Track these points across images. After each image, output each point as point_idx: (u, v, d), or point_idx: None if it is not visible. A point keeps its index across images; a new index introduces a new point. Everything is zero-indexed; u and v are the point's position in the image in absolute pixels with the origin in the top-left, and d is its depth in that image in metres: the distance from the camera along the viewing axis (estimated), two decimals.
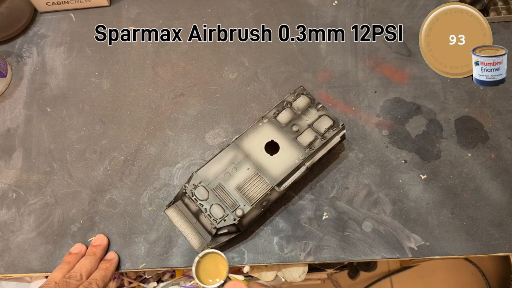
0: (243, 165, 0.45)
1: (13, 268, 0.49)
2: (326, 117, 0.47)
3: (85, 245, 0.49)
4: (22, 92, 0.58)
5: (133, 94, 0.57)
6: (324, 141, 0.46)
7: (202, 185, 0.44)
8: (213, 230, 0.43)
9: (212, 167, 0.45)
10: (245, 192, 0.44)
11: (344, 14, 0.60)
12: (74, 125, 0.56)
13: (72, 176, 0.53)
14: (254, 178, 0.45)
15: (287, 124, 0.47)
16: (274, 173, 0.45)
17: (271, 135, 0.46)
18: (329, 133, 0.47)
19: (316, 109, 0.48)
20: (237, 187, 0.44)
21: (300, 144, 0.46)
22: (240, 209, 0.43)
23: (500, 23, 0.58)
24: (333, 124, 0.47)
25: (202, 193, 0.44)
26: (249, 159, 0.45)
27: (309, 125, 0.47)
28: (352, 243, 0.48)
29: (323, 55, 0.58)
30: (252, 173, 0.45)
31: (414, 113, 0.54)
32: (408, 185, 0.50)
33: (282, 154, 0.46)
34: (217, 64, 0.58)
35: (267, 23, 0.60)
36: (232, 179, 0.45)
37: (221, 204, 0.44)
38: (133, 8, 0.63)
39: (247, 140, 0.46)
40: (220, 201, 0.44)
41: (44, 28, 0.62)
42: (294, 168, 0.45)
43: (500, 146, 0.51)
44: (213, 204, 0.44)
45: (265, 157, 0.46)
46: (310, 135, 0.46)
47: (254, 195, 0.44)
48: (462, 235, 0.48)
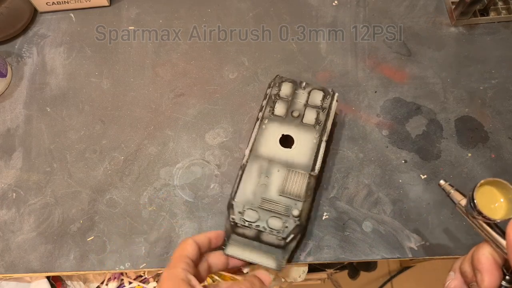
0: (272, 170, 0.45)
1: (13, 268, 0.49)
2: (315, 91, 0.48)
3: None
4: (22, 92, 0.58)
5: (133, 94, 0.57)
6: (325, 111, 0.47)
7: (247, 208, 0.43)
8: (282, 242, 0.42)
9: (245, 188, 0.44)
10: (288, 192, 0.43)
11: (344, 14, 0.60)
12: (74, 125, 0.56)
13: (72, 176, 0.53)
14: (289, 176, 0.44)
15: (286, 114, 0.47)
16: (302, 161, 0.45)
17: (279, 130, 0.46)
18: (325, 102, 0.48)
19: (302, 88, 0.49)
20: (279, 191, 0.43)
21: (308, 125, 0.46)
22: (295, 208, 0.43)
23: (500, 23, 0.58)
24: (324, 93, 0.48)
25: (252, 215, 0.42)
26: (274, 161, 0.45)
27: (305, 104, 0.48)
28: (352, 243, 0.48)
29: (323, 55, 0.58)
30: (284, 172, 0.44)
31: (414, 113, 0.54)
32: (408, 185, 0.50)
33: (299, 142, 0.46)
34: (217, 64, 0.58)
35: (267, 23, 0.60)
36: (270, 187, 0.44)
37: (275, 215, 0.43)
38: (133, 8, 0.63)
39: (260, 146, 0.46)
40: (272, 213, 0.43)
41: (44, 28, 0.62)
42: (316, 148, 0.45)
43: (500, 146, 0.51)
44: (268, 219, 0.42)
45: (286, 152, 0.45)
46: (312, 113, 0.47)
47: (298, 190, 0.43)
48: (462, 235, 0.48)
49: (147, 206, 0.51)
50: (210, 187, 0.51)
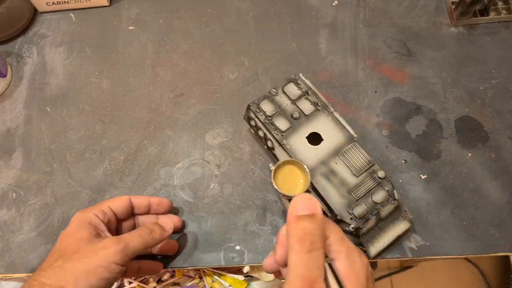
0: (332, 167, 0.44)
1: (13, 268, 0.49)
2: (286, 87, 0.48)
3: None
4: (22, 92, 0.58)
5: (133, 94, 0.57)
6: (310, 92, 0.47)
7: (351, 210, 0.42)
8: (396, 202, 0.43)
9: (331, 199, 0.43)
10: (360, 167, 0.44)
11: (344, 14, 0.60)
12: (74, 125, 0.56)
13: (72, 176, 0.53)
14: (346, 158, 0.44)
15: (289, 121, 0.46)
16: (340, 139, 0.45)
17: (300, 136, 0.46)
18: (302, 87, 0.48)
19: (276, 95, 0.47)
20: (354, 174, 0.44)
21: (312, 113, 0.46)
22: (376, 172, 0.43)
23: (500, 23, 0.58)
24: (294, 82, 0.48)
25: (360, 210, 0.42)
26: (325, 160, 0.44)
27: (292, 102, 0.47)
28: None
29: (323, 55, 0.58)
30: (340, 159, 0.44)
31: (414, 113, 0.54)
32: (408, 185, 0.50)
33: (321, 130, 0.46)
34: (217, 64, 0.58)
35: (267, 23, 0.60)
36: (346, 179, 0.43)
37: (372, 191, 0.43)
38: (133, 8, 0.63)
39: (304, 161, 0.44)
40: (369, 193, 0.43)
41: (44, 28, 0.62)
42: (335, 121, 0.46)
43: (500, 146, 0.51)
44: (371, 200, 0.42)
45: (323, 145, 0.45)
46: (304, 103, 0.47)
47: (363, 159, 0.44)
48: (462, 235, 0.48)
49: None
50: (210, 187, 0.51)
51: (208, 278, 0.53)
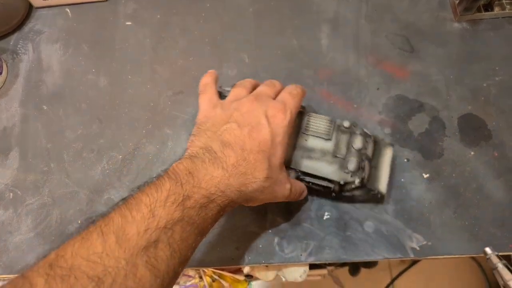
0: (304, 144, 0.45)
1: (11, 269, 0.48)
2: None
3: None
4: (18, 90, 0.57)
5: (131, 92, 0.56)
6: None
7: (348, 164, 0.43)
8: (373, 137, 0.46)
9: (322, 169, 0.44)
10: (325, 131, 0.44)
11: (346, 9, 0.59)
12: (71, 123, 0.55)
13: (69, 176, 0.52)
14: (310, 130, 0.45)
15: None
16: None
17: None
18: None
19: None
20: (326, 139, 0.44)
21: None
22: (343, 122, 0.45)
23: (505, 18, 0.57)
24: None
25: (355, 165, 0.43)
26: (296, 143, 0.45)
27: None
28: (354, 243, 0.47)
29: (324, 52, 0.57)
30: (307, 133, 0.45)
31: (417, 111, 0.53)
32: (411, 184, 0.49)
33: None
34: (217, 61, 0.57)
35: (268, 19, 0.59)
36: (323, 146, 0.44)
37: (350, 145, 0.44)
38: (130, 3, 0.61)
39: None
40: (350, 148, 0.44)
41: (40, 24, 0.61)
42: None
43: (503, 144, 0.51)
44: (352, 148, 0.44)
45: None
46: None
47: (326, 123, 0.45)
48: (464, 235, 0.47)
49: None
50: None
51: (208, 277, 0.53)
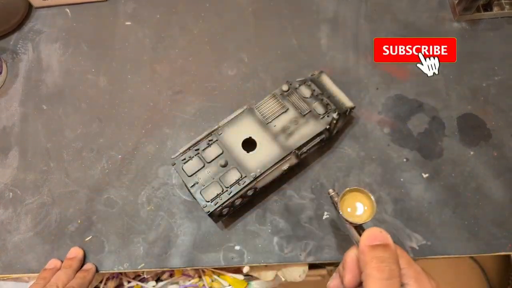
0: (275, 129, 0.47)
1: (11, 269, 0.48)
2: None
3: (60, 260, 0.48)
4: (18, 90, 0.57)
5: (130, 92, 0.56)
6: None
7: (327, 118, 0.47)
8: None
9: (307, 132, 0.47)
10: (276, 111, 0.48)
11: (345, 9, 0.59)
12: (71, 123, 0.55)
13: (69, 175, 0.52)
14: (266, 115, 0.48)
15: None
16: (251, 119, 0.48)
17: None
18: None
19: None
20: (283, 112, 0.48)
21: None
22: (302, 92, 0.49)
23: (504, 18, 0.57)
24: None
25: (333, 115, 0.46)
26: (270, 135, 0.47)
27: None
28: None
29: (324, 51, 0.57)
30: (271, 121, 0.48)
31: (416, 111, 0.53)
32: (410, 184, 0.49)
33: None
34: (216, 61, 0.57)
35: (267, 18, 0.59)
36: (292, 116, 0.48)
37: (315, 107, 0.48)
38: (130, 3, 0.61)
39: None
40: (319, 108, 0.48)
41: (40, 23, 0.61)
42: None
43: (502, 144, 0.51)
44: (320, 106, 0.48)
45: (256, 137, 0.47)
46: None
47: (277, 104, 0.48)
48: (464, 234, 0.47)
49: (145, 205, 0.50)
50: None
51: (207, 277, 0.53)
